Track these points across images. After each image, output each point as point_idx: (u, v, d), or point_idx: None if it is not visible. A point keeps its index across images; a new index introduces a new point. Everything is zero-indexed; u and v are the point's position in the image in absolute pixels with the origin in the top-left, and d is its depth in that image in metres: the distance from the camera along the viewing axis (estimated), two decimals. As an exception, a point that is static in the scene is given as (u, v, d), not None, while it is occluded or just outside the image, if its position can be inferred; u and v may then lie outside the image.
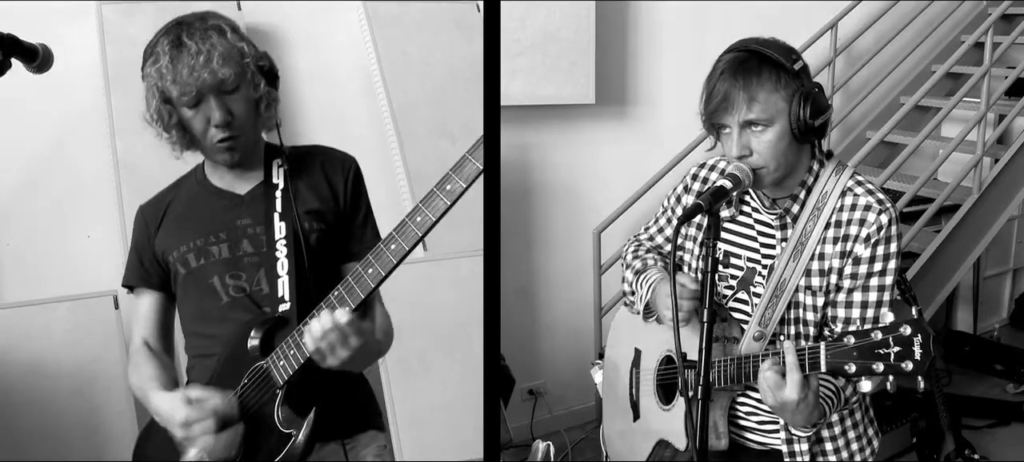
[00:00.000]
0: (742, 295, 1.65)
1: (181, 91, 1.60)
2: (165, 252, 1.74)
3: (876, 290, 1.54)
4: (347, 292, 1.53)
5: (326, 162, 1.78)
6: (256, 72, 1.67)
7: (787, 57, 1.48)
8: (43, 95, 2.51)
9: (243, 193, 1.75)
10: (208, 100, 1.62)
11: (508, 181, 3.42)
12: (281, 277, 1.66)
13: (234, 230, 1.71)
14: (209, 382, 1.65)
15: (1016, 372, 4.18)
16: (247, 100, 1.66)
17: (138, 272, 1.78)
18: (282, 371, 1.58)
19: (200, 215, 1.74)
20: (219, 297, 1.69)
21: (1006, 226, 4.31)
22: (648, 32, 3.63)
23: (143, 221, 1.80)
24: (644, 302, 1.75)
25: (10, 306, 2.54)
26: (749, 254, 1.65)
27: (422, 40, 3.20)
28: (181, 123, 1.66)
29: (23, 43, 1.46)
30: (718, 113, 1.49)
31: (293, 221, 1.68)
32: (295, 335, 1.56)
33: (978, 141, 3.68)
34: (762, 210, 1.63)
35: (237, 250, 1.70)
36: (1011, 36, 3.98)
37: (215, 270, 1.69)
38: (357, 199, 1.78)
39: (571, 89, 3.34)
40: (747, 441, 1.72)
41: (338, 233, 1.76)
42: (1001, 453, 3.54)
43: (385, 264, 1.51)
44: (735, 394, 1.69)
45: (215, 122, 1.62)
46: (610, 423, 1.99)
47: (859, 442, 1.69)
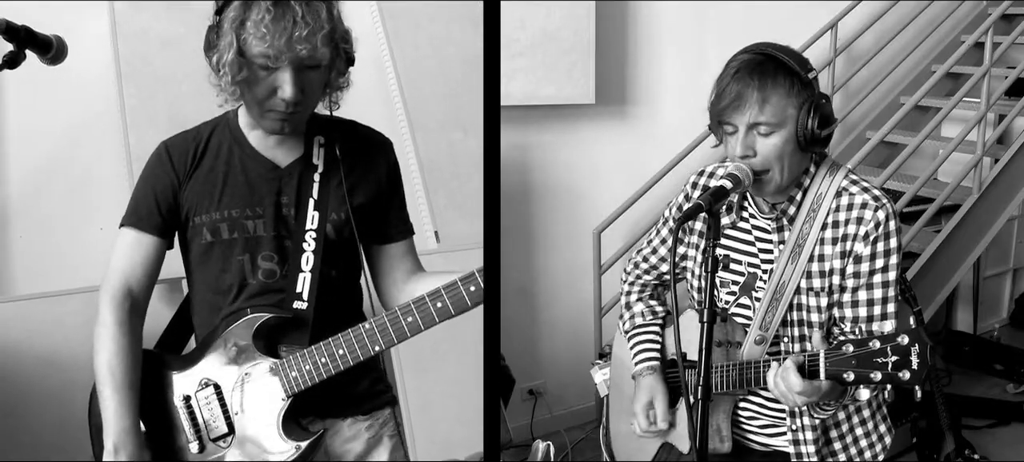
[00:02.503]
0: (744, 300, 1.66)
1: (267, 53, 1.45)
2: (193, 211, 1.61)
3: (881, 286, 1.54)
4: (369, 339, 1.54)
5: (368, 148, 1.70)
6: (344, 58, 1.58)
7: (801, 66, 1.49)
8: (56, 88, 2.51)
9: (284, 165, 1.63)
10: (286, 71, 1.48)
11: (508, 181, 3.42)
12: (303, 272, 1.58)
13: (272, 207, 1.60)
14: (201, 348, 1.60)
15: (1016, 372, 4.18)
16: (321, 82, 1.56)
17: (152, 217, 1.62)
18: (293, 382, 1.54)
19: (236, 180, 1.61)
20: (244, 276, 1.59)
21: (1006, 226, 4.31)
22: (648, 32, 3.63)
23: (169, 163, 1.63)
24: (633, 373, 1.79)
25: (23, 298, 2.54)
26: (749, 260, 1.65)
27: (434, 32, 3.20)
28: (248, 80, 1.51)
29: (38, 35, 1.46)
30: (728, 111, 1.49)
31: (327, 211, 1.60)
32: (314, 353, 1.53)
33: (978, 141, 3.68)
34: (759, 216, 1.63)
35: (271, 230, 1.59)
36: (1011, 36, 3.98)
37: (247, 247, 1.59)
38: (395, 185, 1.72)
39: (571, 89, 3.34)
40: (752, 443, 1.72)
41: (374, 219, 1.69)
42: (1001, 453, 3.54)
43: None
44: (738, 397, 1.69)
45: (285, 96, 1.49)
46: (617, 421, 1.99)
47: (868, 439, 1.69)
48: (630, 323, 1.86)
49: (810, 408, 1.57)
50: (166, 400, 1.62)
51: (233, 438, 1.58)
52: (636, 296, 1.89)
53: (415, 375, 2.63)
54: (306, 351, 1.54)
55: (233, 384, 1.58)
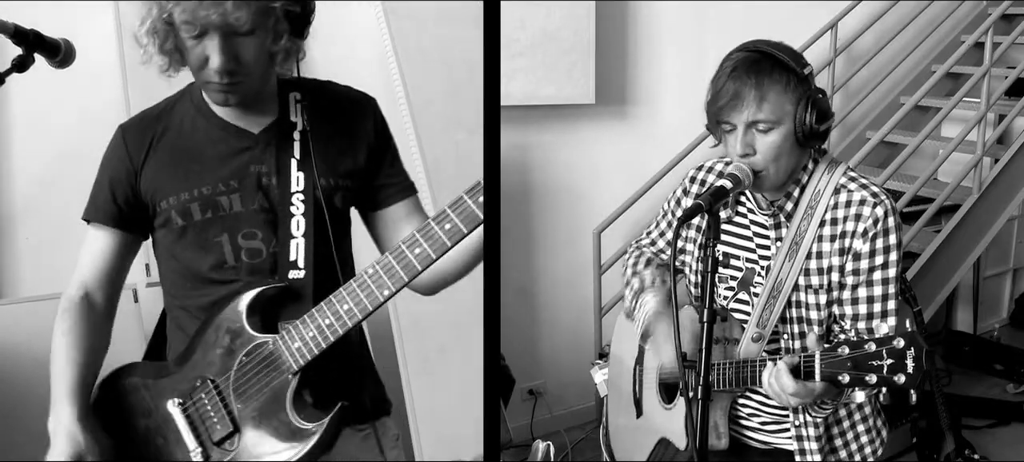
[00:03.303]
0: (742, 296, 1.66)
1: (184, 20, 1.35)
2: (155, 194, 1.47)
3: (881, 283, 1.54)
4: (386, 272, 1.35)
5: (350, 106, 1.56)
6: (280, 18, 1.40)
7: (797, 62, 1.49)
8: (61, 89, 2.51)
9: (256, 131, 1.49)
10: (213, 38, 1.35)
11: (508, 181, 3.42)
12: (296, 238, 1.44)
13: (247, 177, 1.46)
14: (188, 350, 1.44)
15: (1016, 372, 4.18)
16: (261, 47, 1.39)
17: (107, 208, 1.49)
18: (297, 355, 1.38)
19: (203, 154, 1.46)
20: (225, 258, 1.45)
21: (1006, 226, 4.31)
22: (648, 32, 3.63)
23: (122, 147, 1.50)
24: (640, 330, 1.76)
25: (27, 301, 2.54)
26: (747, 255, 1.65)
27: (439, 33, 3.20)
28: (177, 48, 1.40)
29: (46, 38, 1.46)
30: (726, 110, 1.50)
31: (312, 170, 1.45)
32: (316, 316, 1.37)
33: (978, 141, 3.68)
34: (757, 211, 1.63)
35: (251, 203, 1.45)
36: (1011, 36, 3.98)
37: (224, 226, 1.44)
38: (385, 144, 1.57)
39: (571, 89, 3.34)
40: (751, 441, 1.72)
41: (366, 185, 1.55)
42: (1001, 453, 3.54)
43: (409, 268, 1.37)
44: (736, 395, 1.69)
45: (214, 66, 1.37)
46: (615, 418, 1.99)
47: (869, 435, 1.69)
48: (630, 291, 1.83)
49: (806, 408, 1.57)
50: (158, 412, 1.46)
51: (240, 437, 1.42)
52: (644, 264, 1.86)
53: (420, 376, 2.63)
54: (307, 315, 1.38)
55: (232, 375, 1.42)
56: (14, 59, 1.45)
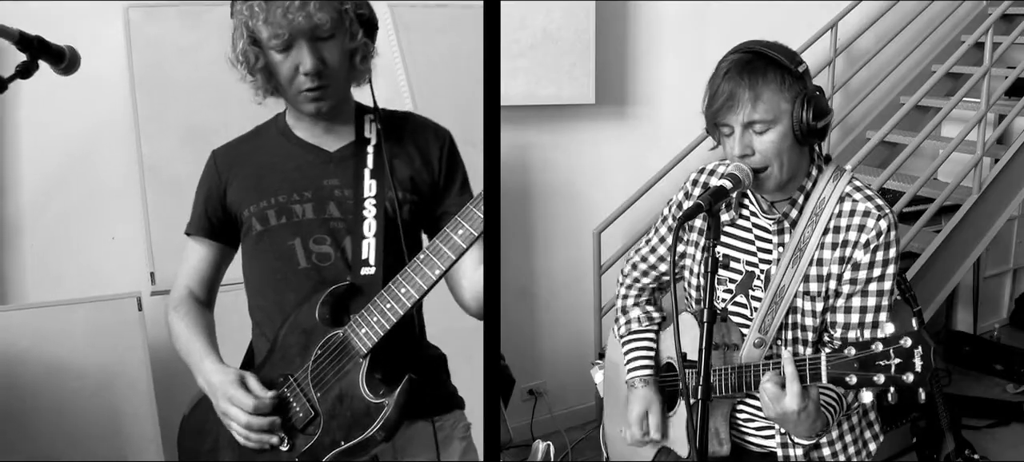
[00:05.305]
0: (741, 299, 1.65)
1: (272, 33, 1.50)
2: (238, 205, 1.64)
3: (875, 295, 1.54)
4: (435, 254, 1.47)
5: (421, 131, 1.68)
6: (354, 20, 1.57)
7: (791, 60, 1.49)
8: (69, 97, 2.51)
9: (332, 150, 1.64)
10: (300, 45, 1.52)
11: (508, 181, 3.42)
12: (367, 238, 1.56)
13: (321, 190, 1.60)
14: (270, 351, 1.58)
15: (1016, 372, 4.18)
16: (341, 49, 1.55)
17: (200, 223, 1.69)
18: (364, 339, 1.50)
19: (283, 169, 1.63)
20: (297, 262, 1.59)
21: (1006, 226, 4.31)
22: (648, 32, 3.63)
23: (214, 169, 1.69)
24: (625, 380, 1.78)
25: (32, 306, 2.55)
26: (748, 258, 1.65)
27: (448, 44, 3.19)
28: (267, 67, 1.55)
29: (50, 45, 1.47)
30: (722, 112, 1.49)
31: (386, 179, 1.58)
32: (378, 302, 1.49)
33: (978, 141, 3.68)
34: (760, 214, 1.63)
35: (323, 212, 1.59)
36: (1011, 36, 3.98)
37: (297, 231, 1.59)
38: (453, 172, 1.68)
39: (571, 89, 3.34)
40: (748, 445, 1.72)
41: (432, 206, 1.67)
42: (1001, 453, 3.54)
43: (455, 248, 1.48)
44: (736, 400, 1.69)
45: (305, 69, 1.52)
46: (611, 423, 1.99)
47: (855, 445, 1.69)
48: (625, 328, 1.85)
49: (795, 437, 1.56)
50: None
51: (321, 421, 1.53)
52: (632, 300, 1.88)
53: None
54: (370, 304, 1.50)
55: (310, 367, 1.54)
56: (18, 65, 1.46)
